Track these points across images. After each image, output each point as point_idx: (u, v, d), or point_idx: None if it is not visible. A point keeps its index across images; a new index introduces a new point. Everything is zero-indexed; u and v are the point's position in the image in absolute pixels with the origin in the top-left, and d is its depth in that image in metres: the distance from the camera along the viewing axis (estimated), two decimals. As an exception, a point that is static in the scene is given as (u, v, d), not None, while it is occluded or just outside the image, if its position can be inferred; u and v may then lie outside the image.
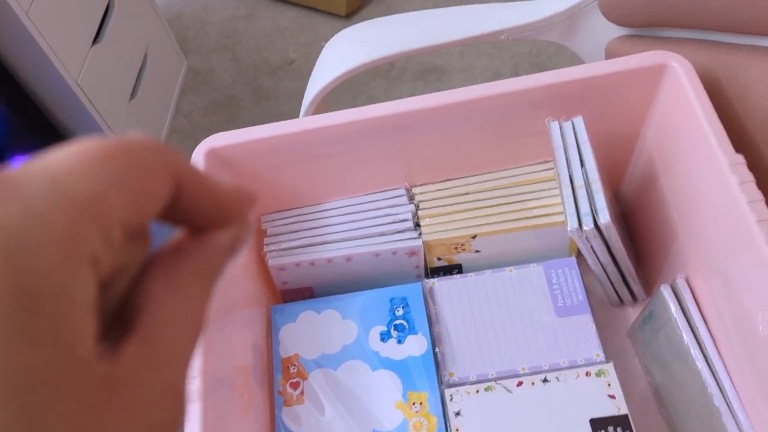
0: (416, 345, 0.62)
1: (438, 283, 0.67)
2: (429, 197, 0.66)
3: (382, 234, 0.65)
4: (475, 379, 0.61)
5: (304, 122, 0.61)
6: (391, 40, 0.74)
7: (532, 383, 0.59)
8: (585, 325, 0.62)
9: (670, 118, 0.60)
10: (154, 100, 1.51)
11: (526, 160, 0.66)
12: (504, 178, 0.66)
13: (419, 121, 0.60)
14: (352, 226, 0.66)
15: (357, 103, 1.52)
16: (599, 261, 0.59)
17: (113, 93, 1.32)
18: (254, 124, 0.61)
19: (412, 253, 0.65)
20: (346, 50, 0.77)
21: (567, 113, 0.59)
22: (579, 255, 0.68)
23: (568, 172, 0.55)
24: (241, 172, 0.63)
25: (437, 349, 0.63)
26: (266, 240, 0.67)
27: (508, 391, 0.59)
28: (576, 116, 0.58)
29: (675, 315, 0.57)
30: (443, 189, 0.67)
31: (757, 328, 0.50)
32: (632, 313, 0.70)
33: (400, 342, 0.63)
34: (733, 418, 0.52)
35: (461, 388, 0.59)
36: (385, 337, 0.63)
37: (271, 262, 0.65)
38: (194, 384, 0.49)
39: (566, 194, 0.54)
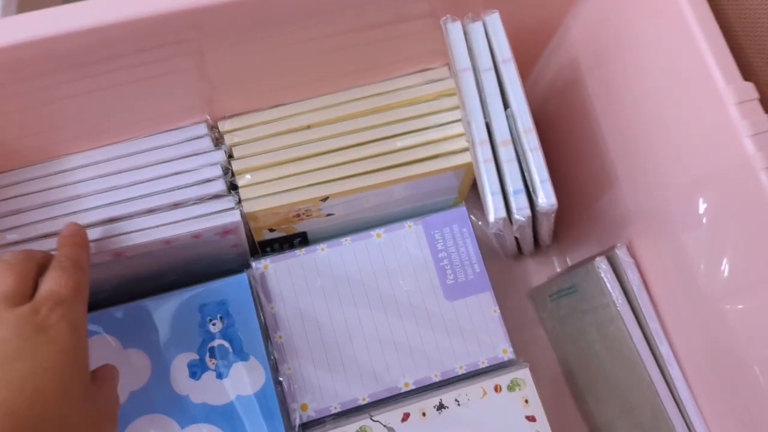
0: (248, 376, 0.40)
1: (272, 266, 0.44)
2: (247, 137, 0.41)
3: (173, 206, 0.39)
4: (339, 408, 0.42)
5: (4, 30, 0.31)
6: None
7: (423, 414, 0.41)
8: (485, 308, 0.44)
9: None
10: None
11: (399, 67, 0.42)
12: (365, 98, 0.42)
13: (219, 18, 0.33)
14: (116, 196, 0.39)
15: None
16: (514, 234, 0.40)
17: None
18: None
19: (226, 232, 0.41)
20: None
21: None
22: (468, 199, 0.48)
23: (484, 117, 0.33)
24: None
25: (282, 375, 0.42)
26: (-37, 232, 0.38)
27: (391, 431, 0.41)
28: (489, 11, 0.34)
29: (618, 305, 0.40)
30: (269, 121, 0.41)
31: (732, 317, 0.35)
32: (532, 265, 0.53)
33: (221, 376, 0.40)
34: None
35: (322, 435, 0.40)
36: (197, 371, 0.40)
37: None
38: None
39: (482, 157, 0.32)
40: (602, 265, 0.41)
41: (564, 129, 0.47)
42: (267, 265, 0.44)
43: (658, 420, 0.40)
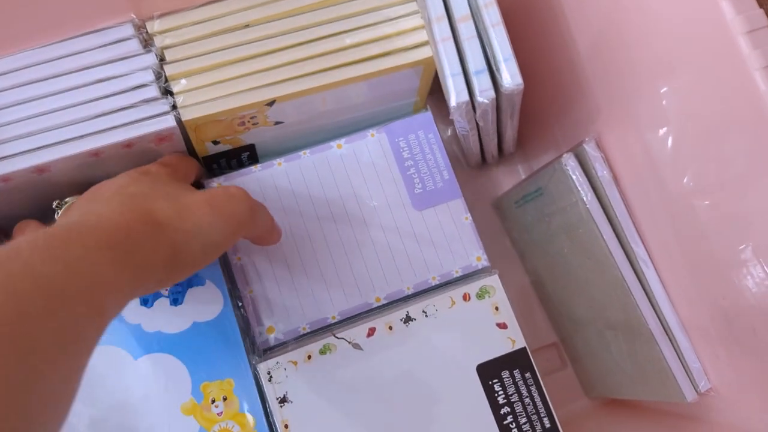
0: (204, 302, 0.38)
1: (224, 184, 0.41)
2: (179, 38, 0.37)
3: (100, 114, 0.35)
4: (308, 329, 0.39)
5: None
6: None
7: (390, 328, 0.39)
8: (457, 216, 0.42)
9: None
10: None
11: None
12: (309, -8, 0.38)
13: None
14: (36, 108, 0.35)
15: None
16: (477, 131, 0.37)
17: None
18: None
19: (161, 139, 0.37)
20: None
21: None
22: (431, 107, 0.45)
23: (441, -10, 0.29)
24: None
25: (243, 298, 0.39)
26: None
27: (357, 347, 0.38)
28: None
29: (587, 201, 0.38)
30: (203, 20, 0.37)
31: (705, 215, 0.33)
32: (497, 175, 0.51)
33: (176, 303, 0.37)
34: (673, 347, 0.38)
35: (283, 358, 0.38)
36: (148, 298, 0.37)
37: None
38: None
39: (439, 35, 0.29)
40: (570, 162, 0.39)
41: (528, 23, 0.44)
42: (219, 185, 0.40)
43: (630, 319, 0.39)
